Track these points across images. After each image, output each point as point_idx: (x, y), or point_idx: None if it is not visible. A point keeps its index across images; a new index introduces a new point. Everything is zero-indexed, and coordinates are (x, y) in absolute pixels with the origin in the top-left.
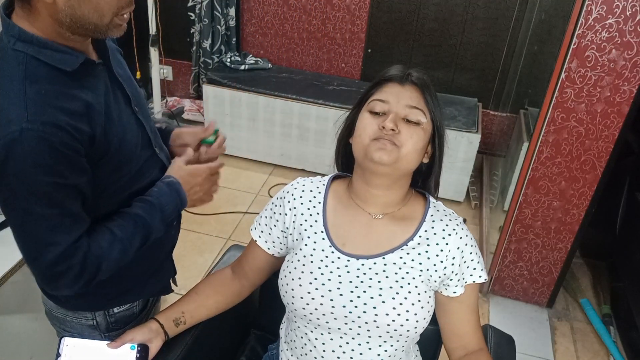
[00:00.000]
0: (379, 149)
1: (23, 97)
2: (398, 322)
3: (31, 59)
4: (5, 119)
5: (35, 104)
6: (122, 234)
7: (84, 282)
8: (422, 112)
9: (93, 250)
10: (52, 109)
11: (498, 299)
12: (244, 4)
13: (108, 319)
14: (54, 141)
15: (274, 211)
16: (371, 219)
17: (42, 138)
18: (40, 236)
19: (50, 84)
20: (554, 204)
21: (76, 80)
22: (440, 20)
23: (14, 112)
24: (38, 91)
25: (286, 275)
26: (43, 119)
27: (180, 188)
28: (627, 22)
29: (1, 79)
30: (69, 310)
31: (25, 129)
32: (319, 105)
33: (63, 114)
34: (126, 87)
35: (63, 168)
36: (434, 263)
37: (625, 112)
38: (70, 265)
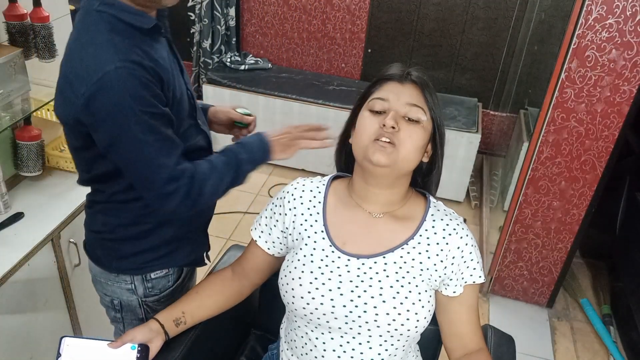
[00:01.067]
0: (378, 150)
1: (112, 44)
2: (398, 321)
3: (113, 17)
4: (100, 60)
5: (123, 48)
6: (218, 165)
7: (190, 202)
8: (422, 110)
9: (198, 173)
10: (136, 52)
11: (498, 299)
12: (244, 4)
13: (145, 284)
14: (143, 76)
15: (274, 211)
16: (371, 218)
17: (132, 74)
18: (149, 160)
19: (130, 39)
20: (554, 204)
21: (148, 38)
22: (440, 20)
23: (106, 55)
24: (123, 40)
25: (286, 275)
26: (131, 58)
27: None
28: (627, 22)
29: (90, 32)
30: (111, 274)
31: (119, 67)
32: (319, 105)
33: (145, 58)
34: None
35: (153, 99)
36: (434, 262)
37: (625, 112)
38: (179, 186)
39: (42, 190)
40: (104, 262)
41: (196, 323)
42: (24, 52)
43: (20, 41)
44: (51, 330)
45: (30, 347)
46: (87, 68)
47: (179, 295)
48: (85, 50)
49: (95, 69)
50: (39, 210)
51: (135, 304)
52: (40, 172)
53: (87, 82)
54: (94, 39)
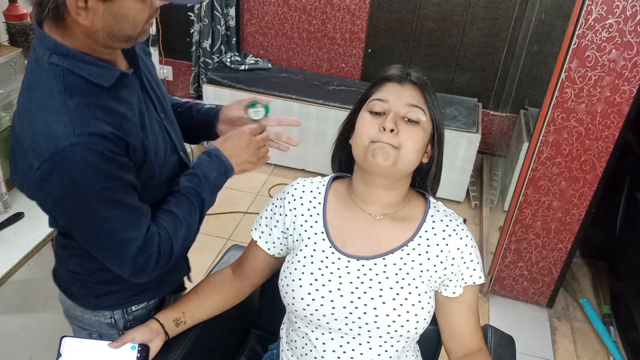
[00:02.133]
0: (378, 152)
1: (66, 111)
2: (398, 322)
3: (68, 72)
4: (52, 132)
5: (78, 117)
6: (181, 212)
7: (163, 264)
8: (422, 111)
9: (163, 235)
10: (94, 120)
11: (498, 299)
12: (244, 4)
13: (126, 317)
14: (103, 150)
15: (274, 212)
16: (371, 220)
17: (91, 149)
18: (117, 236)
19: (88, 97)
20: (554, 204)
21: (111, 93)
22: (440, 20)
23: (59, 127)
24: (79, 104)
25: (286, 276)
26: (89, 130)
27: (219, 153)
28: (627, 22)
29: (40, 92)
30: (88, 309)
31: (74, 144)
32: (319, 105)
33: (105, 124)
34: (153, 94)
35: (117, 171)
36: (434, 263)
37: (625, 112)
38: (150, 255)
39: None
40: (80, 298)
41: (196, 323)
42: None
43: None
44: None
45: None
46: (38, 139)
47: None
48: (36, 115)
49: (47, 144)
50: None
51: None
52: None
53: (39, 157)
54: (44, 102)
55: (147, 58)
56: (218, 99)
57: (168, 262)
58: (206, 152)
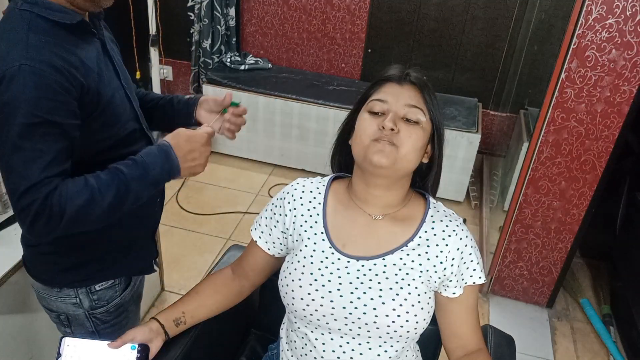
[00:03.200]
0: (378, 151)
1: (25, 42)
2: (398, 323)
3: (35, 16)
4: (7, 57)
5: (35, 47)
6: (95, 183)
7: (47, 221)
8: (421, 111)
9: (60, 190)
10: (50, 53)
11: (498, 299)
12: (244, 4)
13: (90, 296)
14: (49, 78)
15: (274, 212)
16: (371, 220)
17: (38, 74)
18: (15, 167)
19: (51, 36)
20: (554, 204)
21: (74, 37)
22: (440, 20)
23: (15, 53)
24: (39, 39)
25: (286, 277)
26: (41, 58)
27: (170, 151)
28: (627, 22)
29: (6, 31)
30: (53, 289)
31: (23, 64)
32: (319, 105)
33: (60, 59)
34: (117, 65)
35: (54, 105)
36: (433, 264)
37: (625, 112)
38: (34, 200)
39: None
40: (44, 277)
41: (196, 323)
42: None
43: None
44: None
45: (30, 347)
46: None
47: (128, 304)
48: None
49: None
50: None
51: (83, 318)
52: None
53: None
54: (8, 36)
55: (115, 46)
56: None
57: (56, 222)
58: (157, 145)
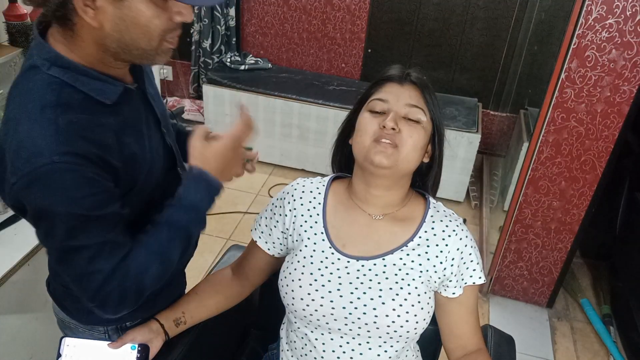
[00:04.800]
0: (379, 151)
1: (54, 128)
2: (398, 323)
3: (66, 85)
4: (35, 149)
5: (66, 135)
6: (157, 244)
7: (132, 300)
8: (422, 111)
9: (132, 269)
10: (82, 140)
11: (498, 299)
12: (244, 4)
13: (120, 333)
14: (86, 172)
15: (274, 212)
16: (371, 220)
17: (71, 170)
18: (85, 267)
19: (83, 112)
20: (554, 204)
21: (110, 108)
22: (440, 20)
23: (44, 144)
24: (70, 121)
25: (286, 277)
26: (74, 150)
27: (208, 176)
28: (627, 22)
29: (30, 103)
30: (82, 324)
31: (55, 162)
32: (319, 105)
33: (94, 146)
34: (157, 110)
35: (99, 199)
36: (433, 264)
37: (625, 112)
38: (112, 290)
39: None
40: (73, 313)
41: (196, 323)
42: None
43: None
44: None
45: (30, 347)
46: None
47: None
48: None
49: (28, 158)
50: None
51: None
52: None
53: (18, 172)
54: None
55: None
56: (218, 99)
57: (140, 296)
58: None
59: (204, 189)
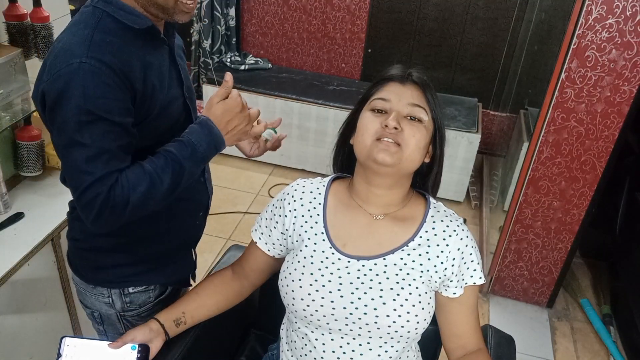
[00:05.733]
0: (382, 149)
1: (89, 40)
2: (399, 323)
3: (107, 15)
4: (69, 53)
5: (98, 46)
6: (152, 169)
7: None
8: (424, 110)
9: (121, 181)
10: (111, 55)
11: (498, 299)
12: (244, 4)
13: (123, 298)
14: (107, 77)
15: (274, 213)
16: (372, 220)
17: (94, 72)
18: (78, 164)
19: (117, 37)
20: (554, 204)
21: (140, 41)
22: (440, 20)
23: (78, 49)
24: (103, 39)
25: (286, 277)
26: (101, 57)
27: (212, 124)
28: (627, 22)
29: (76, 25)
30: (89, 285)
31: (83, 62)
32: (319, 105)
33: (120, 62)
34: (181, 70)
35: (112, 104)
36: (434, 264)
37: (625, 112)
38: (98, 193)
39: (42, 190)
40: (81, 272)
41: (196, 323)
42: (24, 52)
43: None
44: (51, 330)
45: (30, 347)
46: (56, 57)
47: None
48: (65, 40)
49: (62, 60)
50: (39, 210)
51: (114, 318)
52: (40, 172)
53: (51, 71)
54: (76, 32)
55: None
56: None
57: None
58: (198, 122)
59: (205, 133)
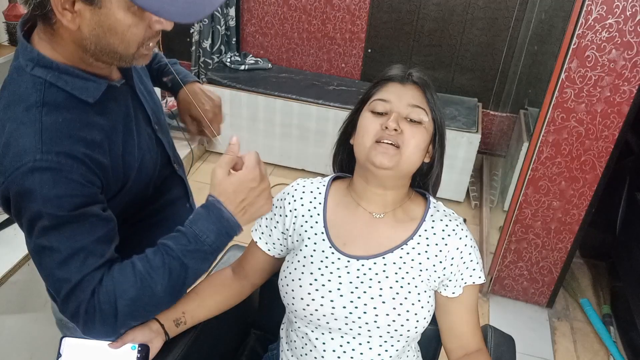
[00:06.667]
0: (381, 152)
1: (39, 127)
2: (398, 322)
3: (50, 85)
4: (19, 149)
5: (50, 134)
6: (143, 269)
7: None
8: (424, 111)
9: (106, 285)
10: (68, 139)
11: (498, 299)
12: (244, 4)
13: None
14: (68, 173)
15: (274, 212)
16: (372, 219)
17: (56, 170)
18: (53, 271)
19: (69, 111)
20: (554, 204)
21: (95, 108)
22: (440, 20)
23: (28, 143)
24: (55, 120)
25: (286, 276)
26: (58, 149)
27: (221, 207)
28: (627, 22)
29: (15, 105)
30: None
31: (37, 160)
32: (319, 105)
33: (80, 144)
34: (147, 106)
35: (78, 201)
36: (433, 263)
37: (625, 112)
38: (80, 302)
39: None
40: None
41: (196, 323)
42: None
43: None
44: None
45: (30, 347)
46: (6, 152)
47: None
48: (9, 126)
49: (12, 159)
50: None
51: None
52: None
53: (5, 172)
54: (19, 115)
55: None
56: None
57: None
58: (205, 205)
59: (213, 220)
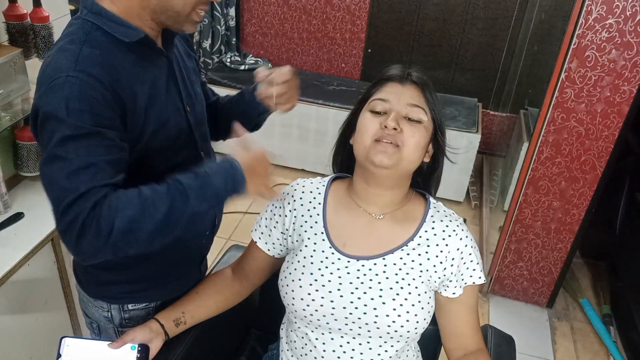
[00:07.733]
0: (380, 151)
1: (77, 54)
2: (398, 323)
3: (96, 28)
4: (56, 67)
5: (85, 60)
6: (149, 193)
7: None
8: (423, 111)
9: (110, 199)
10: (100, 67)
11: (498, 299)
12: (244, 4)
13: (122, 314)
14: (94, 91)
15: (274, 213)
16: (372, 219)
17: (78, 85)
18: (58, 180)
19: (107, 51)
20: (554, 204)
21: (133, 55)
22: (440, 20)
23: (64, 63)
24: (92, 52)
25: (286, 277)
26: (88, 70)
27: (235, 163)
28: (627, 22)
29: (64, 39)
30: (90, 296)
31: (70, 75)
32: (319, 105)
33: (108, 75)
34: (182, 87)
35: (98, 118)
36: (433, 264)
37: (625, 112)
38: (80, 211)
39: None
40: (84, 284)
41: (196, 323)
42: (24, 52)
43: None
44: (51, 330)
45: (30, 347)
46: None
47: None
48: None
49: (48, 75)
50: (39, 210)
51: (112, 332)
52: None
53: (39, 88)
54: (65, 46)
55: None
56: None
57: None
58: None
59: (226, 167)
